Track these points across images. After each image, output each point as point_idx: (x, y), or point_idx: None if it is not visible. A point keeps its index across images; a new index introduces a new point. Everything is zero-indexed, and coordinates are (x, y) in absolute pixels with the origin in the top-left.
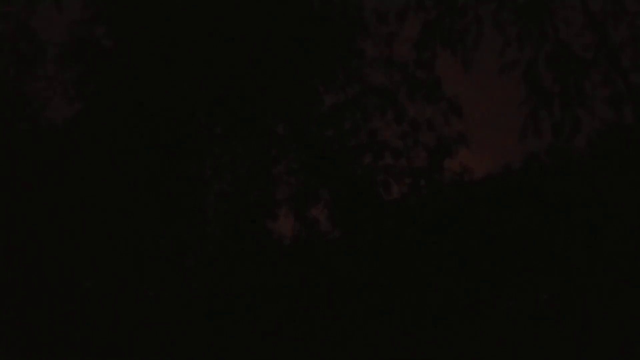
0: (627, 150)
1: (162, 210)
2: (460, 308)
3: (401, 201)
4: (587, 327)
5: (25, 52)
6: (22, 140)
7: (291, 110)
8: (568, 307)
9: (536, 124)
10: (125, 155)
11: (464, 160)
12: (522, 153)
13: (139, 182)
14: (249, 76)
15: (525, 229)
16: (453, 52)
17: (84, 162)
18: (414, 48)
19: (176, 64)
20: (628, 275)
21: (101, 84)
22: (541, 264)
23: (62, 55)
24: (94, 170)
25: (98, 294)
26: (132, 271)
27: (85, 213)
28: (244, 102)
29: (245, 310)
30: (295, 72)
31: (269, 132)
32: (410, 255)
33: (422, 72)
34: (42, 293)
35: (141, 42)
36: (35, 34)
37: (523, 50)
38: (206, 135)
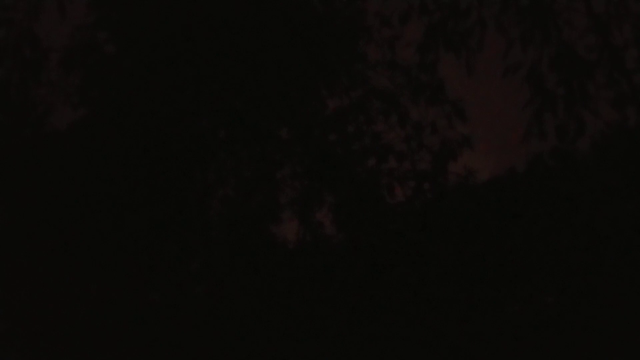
0: (632, 152)
1: (166, 215)
2: (465, 312)
3: (405, 204)
4: (593, 331)
5: (28, 58)
6: (26, 146)
7: (295, 114)
8: (574, 311)
9: (540, 126)
10: (129, 160)
11: (468, 163)
12: (526, 155)
13: (142, 187)
14: (253, 80)
15: (530, 232)
16: (456, 54)
17: (88, 167)
18: (417, 51)
19: (179, 68)
20: (634, 279)
21: (105, 90)
22: (546, 267)
23: (65, 60)
24: (98, 175)
25: (103, 298)
26: (136, 275)
27: (89, 218)
28: (247, 106)
29: (249, 314)
30: (299, 76)
31: (272, 136)
32: (414, 258)
33: (426, 75)
34: (48, 297)
35: (144, 47)
36: (38, 40)
37: (526, 52)
38: (210, 140)
